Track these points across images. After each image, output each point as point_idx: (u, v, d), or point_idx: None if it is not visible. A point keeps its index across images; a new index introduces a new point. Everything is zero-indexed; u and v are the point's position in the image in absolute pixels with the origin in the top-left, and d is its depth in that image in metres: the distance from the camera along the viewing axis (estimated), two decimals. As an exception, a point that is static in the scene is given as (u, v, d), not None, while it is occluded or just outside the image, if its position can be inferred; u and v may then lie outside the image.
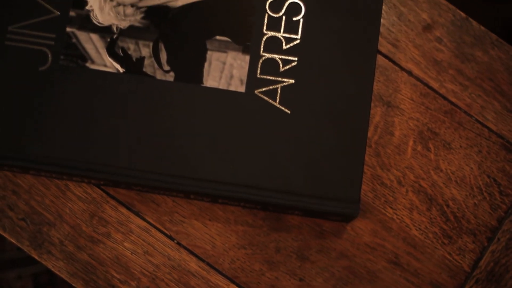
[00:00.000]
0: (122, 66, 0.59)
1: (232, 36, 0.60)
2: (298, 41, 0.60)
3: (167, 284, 0.60)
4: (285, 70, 0.59)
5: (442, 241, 0.62)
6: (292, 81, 0.59)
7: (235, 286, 0.61)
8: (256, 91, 0.59)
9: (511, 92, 0.64)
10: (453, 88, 0.64)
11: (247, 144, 0.58)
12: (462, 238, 0.62)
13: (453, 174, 0.63)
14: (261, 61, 0.59)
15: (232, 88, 0.59)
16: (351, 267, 0.61)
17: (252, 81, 0.59)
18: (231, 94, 0.59)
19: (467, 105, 0.64)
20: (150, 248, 0.61)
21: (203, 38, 0.59)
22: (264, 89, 0.59)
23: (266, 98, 0.59)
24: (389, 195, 0.62)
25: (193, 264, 0.61)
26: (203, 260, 0.61)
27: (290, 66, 0.59)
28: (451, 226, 0.62)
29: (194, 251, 0.61)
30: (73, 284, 0.60)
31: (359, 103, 0.59)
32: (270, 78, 0.59)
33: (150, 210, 0.61)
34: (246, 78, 0.59)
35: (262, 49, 0.60)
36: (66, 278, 0.60)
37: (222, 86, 0.59)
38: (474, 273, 0.62)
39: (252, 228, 0.61)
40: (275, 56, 0.60)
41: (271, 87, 0.59)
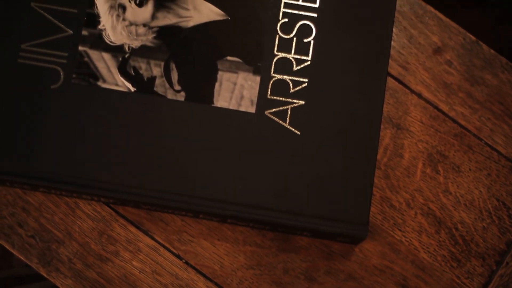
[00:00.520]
0: (133, 85, 0.59)
1: (243, 57, 0.60)
2: (309, 62, 0.60)
3: (175, 304, 0.60)
4: (295, 91, 0.60)
5: (451, 264, 0.62)
6: (302, 102, 0.59)
7: (242, 307, 0.61)
8: (266, 112, 0.59)
9: (520, 115, 0.64)
10: (462, 111, 0.64)
11: (256, 164, 0.58)
12: (470, 262, 0.62)
13: (462, 197, 0.63)
14: (271, 82, 0.60)
15: (242, 108, 0.59)
16: (359, 289, 0.61)
17: (263, 102, 0.59)
18: (241, 115, 0.59)
19: (477, 128, 0.64)
20: (158, 267, 0.61)
21: (214, 58, 0.60)
22: (274, 110, 0.59)
23: (276, 119, 0.59)
24: (398, 217, 0.62)
25: (201, 284, 0.61)
26: (211, 280, 0.61)
27: (301, 87, 0.60)
28: (460, 249, 0.62)
29: (202, 271, 0.61)
30: (80, 302, 0.60)
31: (369, 125, 0.60)
32: (281, 99, 0.59)
33: (159, 229, 0.61)
34: (256, 98, 0.59)
35: (272, 70, 0.60)
36: (74, 296, 0.60)
37: (233, 106, 0.59)
38: (483, 297, 0.62)
39: (260, 248, 0.61)
40: (286, 77, 0.60)
41: (281, 108, 0.59)
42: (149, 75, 0.59)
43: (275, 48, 0.60)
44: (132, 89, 0.59)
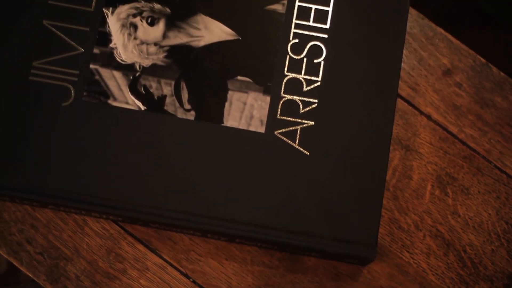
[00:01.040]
0: (143, 104, 0.59)
1: (253, 77, 0.60)
2: (319, 83, 0.60)
3: (182, 323, 0.60)
4: (305, 112, 0.60)
5: (459, 286, 0.62)
6: (312, 123, 0.60)
7: (249, 327, 0.60)
8: (275, 132, 0.59)
9: (530, 138, 0.64)
10: (472, 133, 0.64)
11: (265, 184, 0.58)
12: (479, 284, 0.62)
13: (471, 219, 0.63)
14: (281, 102, 0.60)
15: (252, 128, 0.59)
16: (367, 311, 0.61)
17: (272, 122, 0.59)
18: (251, 135, 0.59)
19: (486, 150, 0.64)
20: (165, 285, 0.61)
21: (224, 78, 0.60)
22: (283, 130, 0.59)
23: (285, 139, 0.59)
24: (406, 239, 0.62)
25: (208, 303, 0.61)
26: (218, 300, 0.61)
27: (310, 108, 0.60)
28: (468, 272, 0.62)
29: (210, 290, 0.61)
30: (87, 320, 0.60)
31: (378, 146, 0.60)
32: (290, 119, 0.60)
33: (167, 247, 0.61)
34: (266, 118, 0.59)
35: (282, 90, 0.60)
36: (81, 314, 0.60)
37: (242, 126, 0.59)
38: (491, 320, 0.61)
39: (268, 268, 0.61)
40: (296, 97, 0.60)
41: (290, 128, 0.59)
42: (159, 94, 0.60)
43: (285, 69, 0.60)
44: (143, 107, 0.59)
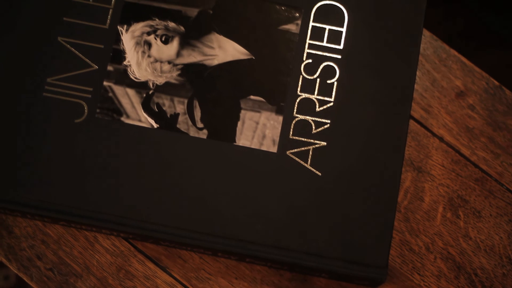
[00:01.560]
0: (156, 121, 0.59)
1: (266, 97, 0.60)
2: (332, 103, 0.60)
3: None
4: (317, 132, 0.60)
5: (470, 310, 0.61)
6: (324, 143, 0.60)
7: None
8: (288, 152, 0.59)
9: (543, 162, 0.64)
10: (484, 156, 0.64)
11: (276, 204, 0.58)
12: (489, 308, 0.61)
13: (482, 242, 0.62)
14: (294, 122, 0.60)
15: (264, 148, 0.59)
16: (376, 333, 0.61)
17: (285, 142, 0.59)
18: (263, 154, 0.59)
19: (498, 173, 0.64)
20: (175, 304, 0.61)
21: (237, 97, 0.60)
22: (296, 150, 0.59)
23: (297, 159, 0.59)
24: (417, 261, 0.62)
25: (217, 322, 0.60)
26: (227, 319, 0.61)
27: (323, 128, 0.60)
28: (479, 296, 0.62)
29: (219, 309, 0.61)
30: (96, 337, 0.60)
31: (390, 168, 0.59)
32: (303, 139, 0.60)
33: (177, 265, 0.61)
34: (278, 138, 0.59)
35: (295, 110, 0.60)
36: (90, 331, 0.60)
37: (255, 145, 0.59)
38: None
39: (278, 289, 0.61)
40: (308, 118, 0.60)
41: (303, 149, 0.59)
42: (172, 112, 0.60)
43: (299, 89, 0.60)
44: (155, 125, 0.59)
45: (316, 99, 0.60)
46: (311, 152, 0.59)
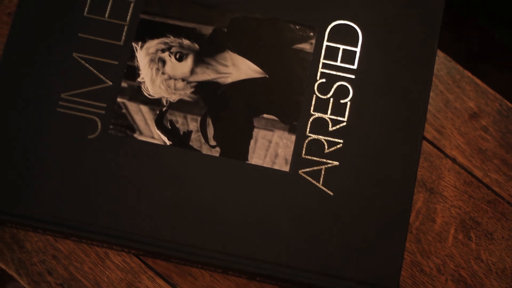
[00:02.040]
0: (169, 138, 0.60)
1: (279, 115, 0.60)
2: (345, 123, 0.60)
3: None
4: (330, 152, 0.60)
5: (480, 333, 0.61)
6: (336, 163, 0.59)
7: None
8: (300, 171, 0.59)
9: (556, 185, 0.64)
10: (497, 178, 0.64)
11: (288, 223, 0.58)
12: (500, 332, 0.61)
13: (494, 265, 0.62)
14: (306, 141, 0.60)
15: (276, 166, 0.59)
16: None
17: (297, 161, 0.59)
18: (275, 173, 0.59)
19: (511, 195, 0.63)
20: (184, 322, 0.60)
21: (250, 115, 0.60)
22: (308, 169, 0.59)
23: (309, 178, 0.59)
24: (428, 282, 0.62)
25: None
26: (237, 338, 0.60)
27: (335, 148, 0.60)
28: (490, 319, 0.61)
29: (229, 328, 0.60)
30: None
31: (403, 189, 0.59)
32: (315, 159, 0.60)
33: (187, 283, 0.61)
34: (291, 157, 0.59)
35: (308, 129, 0.60)
36: None
37: (267, 164, 0.59)
38: None
39: (288, 308, 0.61)
40: (321, 137, 0.60)
41: (315, 168, 0.59)
42: (185, 129, 0.60)
43: (312, 108, 0.61)
44: (168, 142, 0.59)
45: (329, 118, 0.60)
46: (323, 172, 0.59)
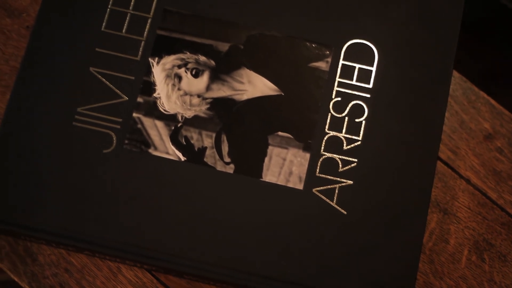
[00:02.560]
0: (183, 154, 0.60)
1: (294, 133, 0.60)
2: (359, 142, 0.60)
3: None
4: (344, 171, 0.60)
5: None
6: (350, 182, 0.59)
7: None
8: (314, 190, 0.59)
9: None
10: (511, 200, 0.63)
11: (301, 241, 0.58)
12: None
13: (507, 287, 0.62)
14: (321, 160, 0.60)
15: (290, 184, 0.59)
16: None
17: (311, 179, 0.59)
18: (289, 191, 0.59)
19: (525, 218, 0.63)
20: (195, 338, 0.60)
21: (265, 133, 0.60)
22: (322, 188, 0.59)
23: (323, 197, 0.59)
24: (440, 304, 0.61)
25: None
26: None
27: (350, 167, 0.60)
28: None
29: None
30: None
31: (416, 209, 0.59)
32: (329, 177, 0.60)
33: (199, 299, 0.61)
34: (305, 176, 0.59)
35: (323, 148, 0.60)
36: None
37: (281, 182, 0.59)
38: None
39: (299, 327, 0.60)
40: (335, 156, 0.60)
41: (329, 187, 0.59)
42: (200, 145, 0.60)
43: (327, 127, 0.61)
44: (183, 158, 0.60)
45: (344, 137, 0.60)
46: (337, 191, 0.59)
